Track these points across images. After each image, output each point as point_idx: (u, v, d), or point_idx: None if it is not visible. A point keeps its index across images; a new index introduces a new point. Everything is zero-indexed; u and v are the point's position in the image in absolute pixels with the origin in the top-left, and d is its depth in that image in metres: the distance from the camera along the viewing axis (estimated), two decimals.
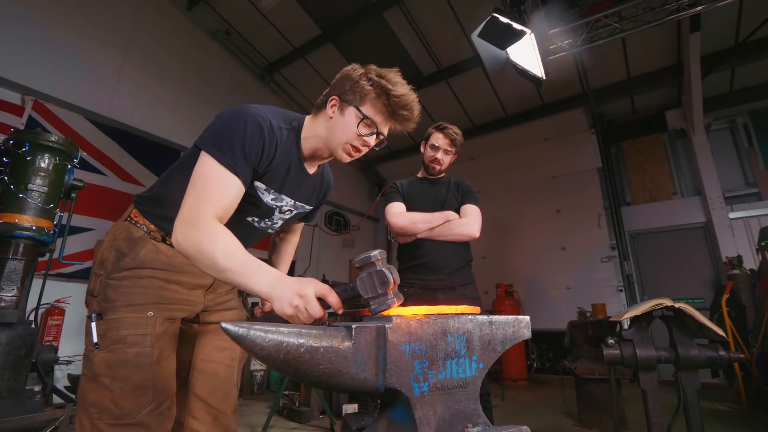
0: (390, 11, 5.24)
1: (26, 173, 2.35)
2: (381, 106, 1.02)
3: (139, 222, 1.05)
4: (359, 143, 1.04)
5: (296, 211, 1.21)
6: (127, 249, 1.01)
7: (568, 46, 4.23)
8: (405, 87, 1.02)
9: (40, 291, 2.59)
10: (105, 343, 0.94)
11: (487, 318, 0.70)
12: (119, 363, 0.93)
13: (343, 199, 8.03)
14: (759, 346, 3.52)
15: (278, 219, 1.18)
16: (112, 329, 0.95)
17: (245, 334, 0.58)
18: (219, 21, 5.79)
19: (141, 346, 0.96)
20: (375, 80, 1.00)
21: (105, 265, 1.00)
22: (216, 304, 1.19)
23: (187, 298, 1.08)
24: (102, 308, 0.97)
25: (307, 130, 1.09)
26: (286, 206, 1.15)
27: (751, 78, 5.58)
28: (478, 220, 1.96)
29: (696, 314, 1.67)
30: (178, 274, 1.05)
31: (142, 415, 0.93)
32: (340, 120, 1.03)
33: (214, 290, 1.17)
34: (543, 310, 6.23)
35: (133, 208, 1.08)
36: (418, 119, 1.07)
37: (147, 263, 1.01)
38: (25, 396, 2.18)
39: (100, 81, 4.49)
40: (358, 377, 0.60)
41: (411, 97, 1.03)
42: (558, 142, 6.88)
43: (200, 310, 1.14)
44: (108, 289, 0.98)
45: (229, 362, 1.16)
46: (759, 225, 4.90)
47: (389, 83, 1.00)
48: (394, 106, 1.01)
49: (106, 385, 0.91)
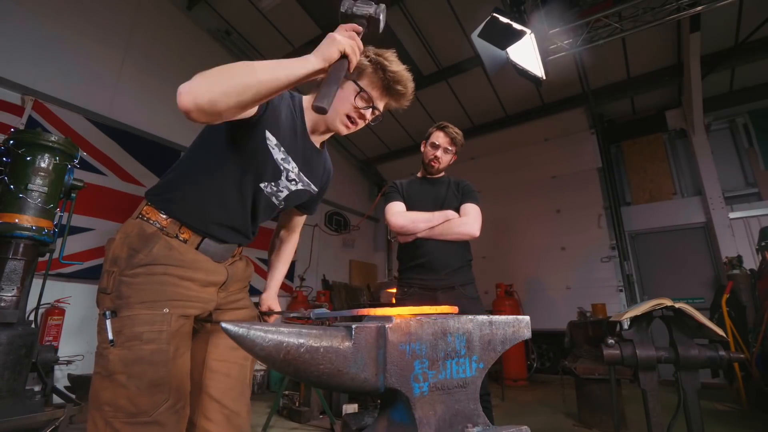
0: (390, 11, 5.21)
1: (26, 173, 2.35)
2: (377, 80, 1.09)
3: (152, 218, 1.03)
4: (356, 115, 1.11)
5: (301, 185, 1.20)
6: (139, 246, 0.99)
7: (568, 46, 4.23)
8: (400, 65, 1.10)
9: (40, 291, 2.59)
10: (120, 340, 0.92)
11: (487, 318, 0.70)
12: (135, 360, 0.91)
13: (343, 199, 8.03)
14: (759, 346, 3.52)
15: (284, 188, 1.16)
16: (127, 326, 0.93)
17: (245, 334, 0.57)
18: (219, 21, 5.78)
19: (157, 343, 0.94)
20: (372, 57, 1.09)
21: (118, 263, 0.99)
22: (228, 302, 1.18)
23: (200, 295, 1.07)
24: (116, 305, 0.95)
25: (307, 102, 1.15)
26: (293, 173, 1.14)
27: (751, 78, 5.58)
28: (478, 219, 1.96)
29: (696, 314, 1.67)
30: (192, 270, 1.04)
31: (159, 413, 0.91)
32: (338, 93, 1.06)
33: (227, 288, 1.16)
34: (543, 310, 6.23)
35: (145, 204, 1.07)
36: (411, 96, 1.14)
37: (160, 260, 0.99)
38: (25, 396, 2.18)
39: (100, 81, 4.49)
40: (358, 377, 0.60)
41: (406, 74, 1.10)
42: (558, 142, 6.88)
43: (213, 308, 1.13)
44: (122, 286, 0.96)
45: (242, 362, 1.15)
46: (759, 225, 4.90)
47: (386, 60, 1.09)
48: (389, 81, 1.09)
49: (122, 383, 0.90)
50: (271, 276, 1.45)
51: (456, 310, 0.75)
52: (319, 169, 1.26)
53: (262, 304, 1.38)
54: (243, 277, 1.23)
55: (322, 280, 7.10)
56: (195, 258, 1.05)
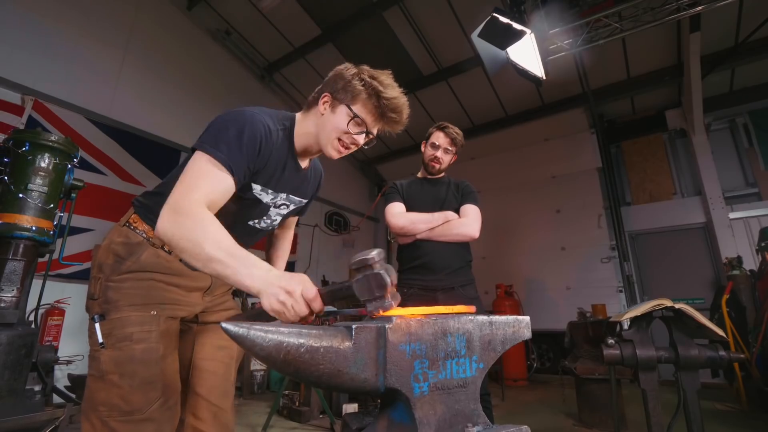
0: (390, 11, 5.24)
1: (26, 173, 2.35)
2: (371, 107, 1.03)
3: (138, 227, 1.05)
4: (348, 141, 1.06)
5: (291, 205, 1.23)
6: (125, 253, 1.02)
7: (568, 46, 4.23)
8: (396, 90, 1.04)
9: (40, 291, 2.59)
10: (111, 342, 0.95)
11: (487, 318, 0.70)
12: (126, 360, 0.94)
13: (343, 199, 8.03)
14: (759, 346, 3.52)
15: (275, 215, 1.20)
16: (116, 327, 0.96)
17: (245, 334, 0.58)
18: (219, 21, 5.79)
19: (147, 342, 0.97)
20: (367, 81, 1.02)
21: (103, 269, 1.01)
22: (214, 305, 1.22)
23: (186, 299, 1.10)
24: (104, 309, 0.98)
25: (299, 126, 1.11)
26: (281, 200, 1.17)
27: (751, 78, 5.58)
28: (477, 220, 1.96)
29: (696, 315, 1.67)
30: (177, 277, 1.07)
31: (152, 410, 0.94)
32: (331, 117, 1.05)
33: (212, 292, 1.19)
34: (543, 310, 6.23)
35: (133, 212, 1.08)
36: (406, 122, 1.09)
37: (148, 267, 1.02)
38: (25, 396, 2.18)
39: (100, 81, 4.49)
40: (358, 377, 0.60)
41: (401, 100, 1.04)
42: (558, 142, 6.88)
43: (199, 311, 1.17)
44: (108, 291, 0.99)
45: (227, 361, 1.19)
46: (759, 225, 4.90)
47: (381, 85, 1.02)
48: (384, 108, 1.03)
49: (115, 383, 0.92)
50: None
51: (473, 309, 0.73)
52: (308, 182, 1.26)
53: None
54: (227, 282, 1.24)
55: (321, 280, 7.10)
56: (180, 266, 1.07)
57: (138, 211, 1.08)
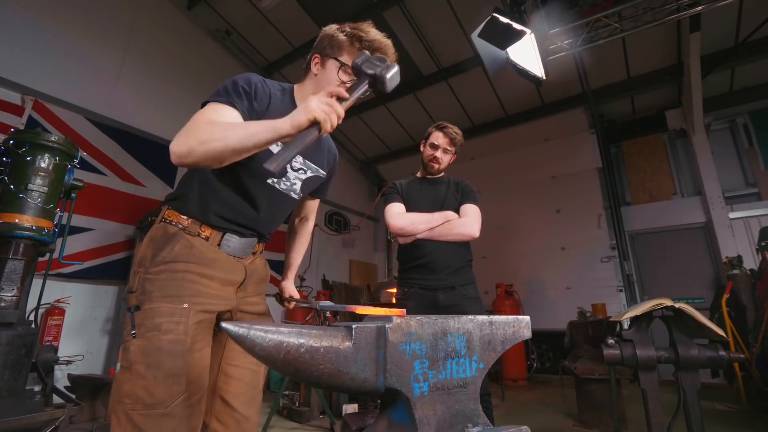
0: (390, 11, 5.24)
1: (26, 173, 2.35)
2: (355, 51, 1.10)
3: (174, 220, 1.08)
4: (343, 89, 1.10)
5: (309, 172, 1.24)
6: (162, 244, 1.04)
7: (568, 46, 4.23)
8: (378, 33, 1.12)
9: (40, 291, 2.59)
10: (141, 331, 0.96)
11: (487, 318, 0.70)
12: (153, 350, 0.94)
13: (343, 199, 8.03)
14: (759, 346, 3.52)
15: (294, 178, 1.20)
16: (148, 318, 0.97)
17: (245, 334, 0.57)
18: (219, 21, 5.79)
19: (175, 334, 0.97)
20: (348, 31, 1.12)
21: (144, 263, 1.03)
22: (246, 304, 1.19)
23: (219, 294, 1.09)
24: (139, 301, 0.99)
25: (298, 93, 1.20)
26: (297, 163, 1.19)
27: (751, 78, 5.58)
28: (477, 219, 1.95)
29: (696, 314, 1.67)
30: (211, 269, 1.07)
31: (174, 405, 0.93)
32: (323, 74, 1.15)
33: (245, 288, 1.17)
34: (543, 310, 6.23)
35: (167, 209, 1.11)
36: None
37: (181, 257, 1.03)
38: (25, 396, 2.18)
39: (100, 81, 4.49)
40: (358, 377, 0.60)
41: (384, 40, 1.12)
42: (558, 142, 6.89)
43: (234, 306, 1.14)
44: (146, 283, 1.00)
45: (255, 367, 1.17)
46: (759, 225, 4.90)
47: (361, 31, 1.11)
48: (367, 50, 1.08)
49: (140, 373, 0.92)
50: (288, 263, 1.52)
51: (403, 313, 0.67)
52: (322, 151, 1.29)
53: (284, 291, 1.43)
54: (260, 277, 1.24)
55: (322, 280, 7.10)
56: (215, 257, 1.08)
57: (171, 206, 1.10)
